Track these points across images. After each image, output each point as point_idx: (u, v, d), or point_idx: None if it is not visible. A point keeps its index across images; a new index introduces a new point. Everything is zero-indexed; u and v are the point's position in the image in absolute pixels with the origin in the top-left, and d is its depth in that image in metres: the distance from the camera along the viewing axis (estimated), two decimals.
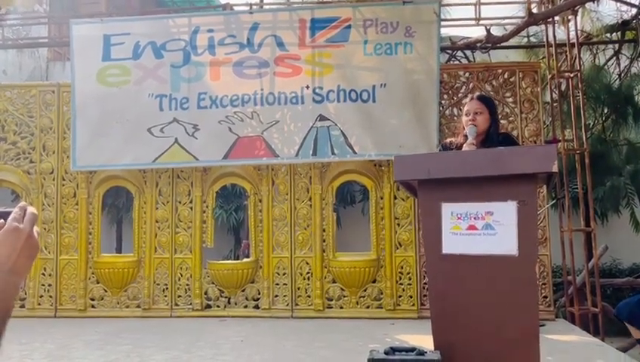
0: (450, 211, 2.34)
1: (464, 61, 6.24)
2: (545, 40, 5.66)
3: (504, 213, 2.25)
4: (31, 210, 0.93)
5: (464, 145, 2.68)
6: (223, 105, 5.35)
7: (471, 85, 5.43)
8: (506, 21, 5.68)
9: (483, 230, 2.29)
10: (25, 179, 5.75)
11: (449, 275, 2.33)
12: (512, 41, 6.10)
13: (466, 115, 2.82)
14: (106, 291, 5.66)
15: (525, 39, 6.78)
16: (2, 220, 0.92)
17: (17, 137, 5.79)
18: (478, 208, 2.30)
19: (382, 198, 5.44)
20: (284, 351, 4.05)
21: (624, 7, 5.68)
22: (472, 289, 2.30)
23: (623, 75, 6.21)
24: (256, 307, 5.50)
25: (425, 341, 3.83)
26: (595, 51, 6.19)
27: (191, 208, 5.63)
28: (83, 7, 9.21)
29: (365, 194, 8.71)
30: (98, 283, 5.67)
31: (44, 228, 5.71)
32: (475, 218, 2.31)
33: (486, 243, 2.28)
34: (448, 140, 2.99)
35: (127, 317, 5.52)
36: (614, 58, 6.20)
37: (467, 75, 5.47)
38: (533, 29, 6.44)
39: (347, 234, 7.82)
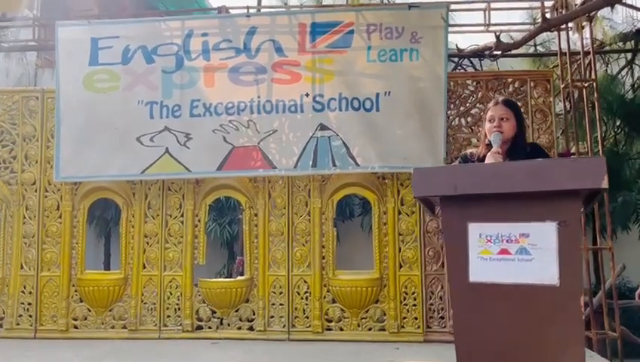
0: (479, 232, 2.03)
1: (471, 70, 5.98)
2: (557, 48, 5.40)
3: (542, 236, 1.95)
4: None
5: (488, 155, 2.38)
6: (218, 113, 5.04)
7: (479, 94, 5.16)
8: (517, 27, 5.42)
9: (517, 255, 1.98)
10: (5, 190, 5.40)
11: (477, 307, 2.02)
12: (519, 50, 5.85)
13: (489, 121, 2.52)
14: (89, 310, 5.28)
15: (532, 48, 6.54)
16: None
17: None
18: (512, 229, 1.99)
19: (385, 213, 5.12)
20: None
21: (638, 16, 5.44)
22: (504, 324, 1.98)
23: (636, 85, 5.96)
24: (251, 328, 5.15)
25: None
26: (607, 60, 5.94)
27: (182, 222, 5.29)
28: (75, 13, 8.91)
29: (365, 207, 8.42)
30: (81, 301, 5.30)
31: (25, 243, 5.36)
32: (507, 241, 2.00)
33: (521, 270, 1.97)
34: (469, 151, 2.69)
35: (112, 339, 5.15)
36: (627, 68, 5.95)
37: (475, 83, 5.20)
38: (540, 38, 6.20)
39: (346, 250, 7.49)
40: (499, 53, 4.91)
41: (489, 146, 2.49)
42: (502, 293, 1.98)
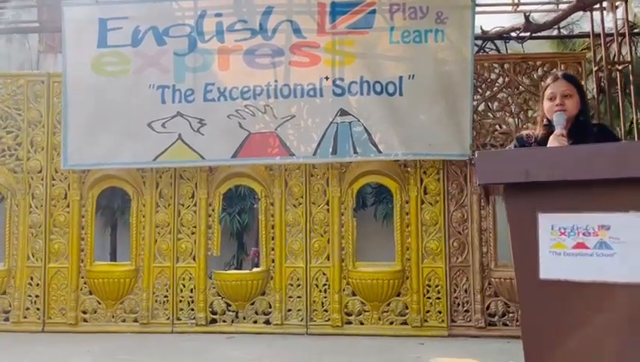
0: (551, 224, 1.81)
1: (493, 53, 5.73)
2: (583, 30, 5.17)
3: (625, 228, 1.72)
4: None
5: (551, 138, 2.16)
6: (233, 97, 4.81)
7: (507, 78, 4.92)
8: (545, 7, 5.17)
9: (596, 249, 1.76)
10: (10, 178, 5.18)
11: (549, 307, 1.80)
12: (546, 32, 5.60)
13: (549, 99, 2.29)
14: (99, 303, 5.09)
15: (555, 31, 6.29)
16: None
17: (2, 132, 5.21)
18: (589, 220, 1.77)
19: (407, 203, 4.91)
20: None
21: None
22: (580, 326, 1.76)
23: None
24: (267, 322, 4.96)
25: None
26: (636, 43, 5.70)
27: (195, 212, 5.08)
28: None
29: (378, 196, 8.22)
30: (91, 294, 5.10)
31: (32, 233, 5.15)
32: (584, 233, 1.78)
33: (600, 266, 1.75)
34: (524, 132, 2.46)
35: (123, 333, 4.96)
36: None
37: (502, 66, 4.96)
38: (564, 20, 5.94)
39: (359, 240, 7.28)
40: (527, 34, 4.66)
41: (547, 127, 2.27)
42: (578, 292, 1.77)
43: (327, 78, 4.74)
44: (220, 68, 4.85)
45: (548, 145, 2.14)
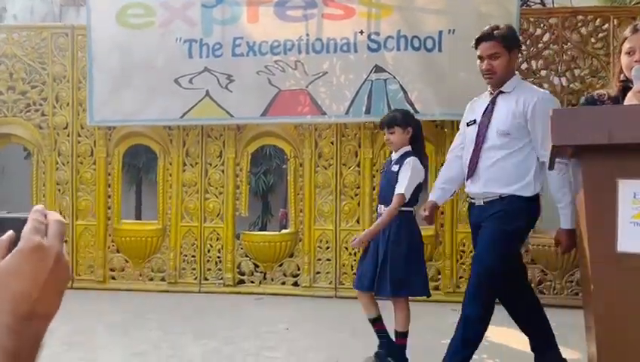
0: (633, 192, 1.63)
1: (538, 7, 5.38)
2: None
3: None
4: (55, 216, 0.56)
5: (629, 95, 1.94)
6: (262, 52, 4.60)
7: (553, 34, 4.60)
8: None
9: None
10: (36, 134, 5.10)
11: (628, 284, 1.63)
12: None
13: (628, 53, 2.06)
14: (127, 262, 5.07)
15: None
16: (11, 231, 0.54)
17: (27, 86, 5.10)
18: None
19: (442, 165, 4.70)
20: (352, 349, 3.44)
21: None
22: None
23: None
24: (295, 284, 4.89)
25: (500, 333, 3.20)
26: None
27: (222, 171, 4.96)
28: None
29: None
30: (118, 252, 5.08)
31: (59, 190, 5.10)
32: None
33: None
34: (596, 92, 2.24)
35: (150, 291, 4.95)
36: None
37: (549, 21, 4.64)
38: None
39: None
40: None
41: (623, 83, 2.04)
42: None
43: (361, 32, 4.49)
44: (249, 20, 4.64)
45: (626, 103, 1.93)
